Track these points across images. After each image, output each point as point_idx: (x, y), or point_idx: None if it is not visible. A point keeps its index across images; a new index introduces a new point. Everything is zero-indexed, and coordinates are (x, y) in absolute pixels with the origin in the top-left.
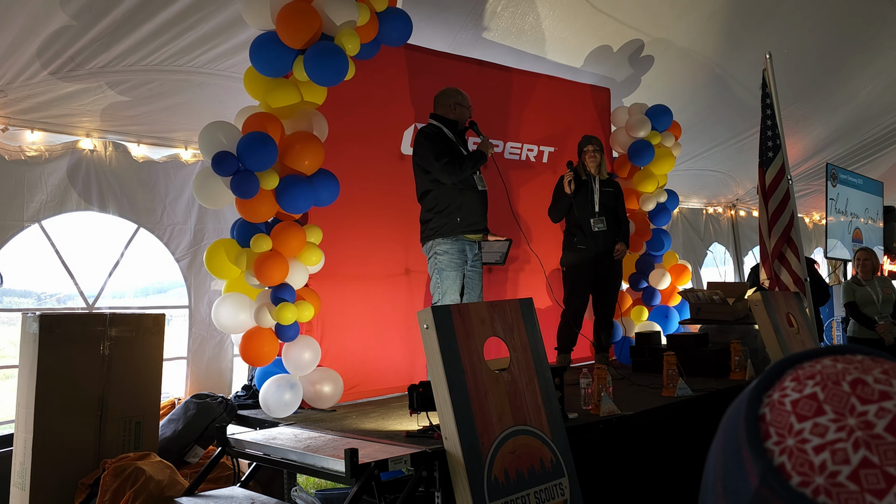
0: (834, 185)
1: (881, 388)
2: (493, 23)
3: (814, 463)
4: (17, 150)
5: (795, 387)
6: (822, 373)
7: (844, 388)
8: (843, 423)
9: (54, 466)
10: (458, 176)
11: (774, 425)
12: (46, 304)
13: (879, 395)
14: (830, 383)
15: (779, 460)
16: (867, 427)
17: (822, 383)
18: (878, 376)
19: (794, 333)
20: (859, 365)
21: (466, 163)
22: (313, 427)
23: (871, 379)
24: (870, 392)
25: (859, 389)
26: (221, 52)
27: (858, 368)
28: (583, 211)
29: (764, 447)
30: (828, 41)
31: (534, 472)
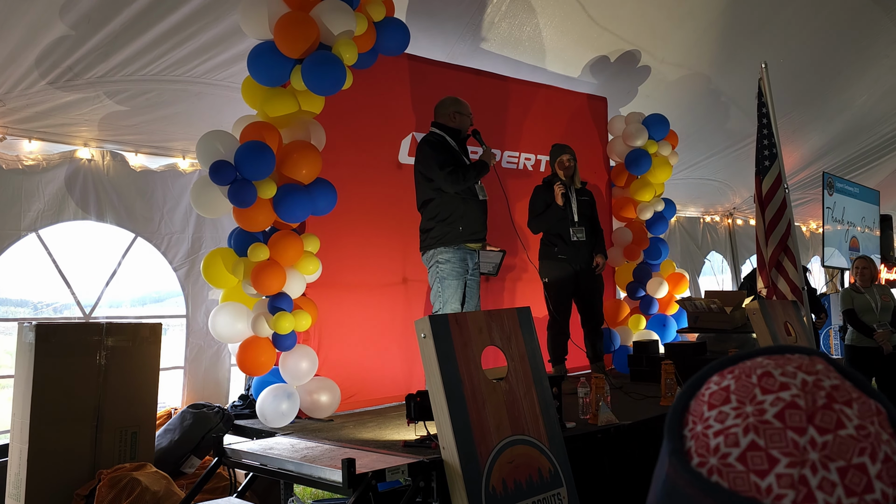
0: (830, 193)
1: (784, 380)
2: (490, 33)
3: (710, 445)
4: (15, 159)
5: (717, 380)
6: (742, 367)
7: (753, 380)
8: (742, 410)
9: (50, 477)
10: (462, 185)
11: (692, 414)
12: (43, 314)
13: (779, 387)
14: (743, 376)
15: (688, 444)
16: (759, 414)
17: (737, 377)
18: (787, 370)
19: (792, 342)
20: (781, 361)
21: (469, 172)
22: (310, 437)
23: (778, 372)
24: (772, 383)
25: (764, 381)
26: (219, 63)
27: (777, 364)
28: (562, 221)
29: (681, 433)
30: (823, 51)
31: (532, 482)
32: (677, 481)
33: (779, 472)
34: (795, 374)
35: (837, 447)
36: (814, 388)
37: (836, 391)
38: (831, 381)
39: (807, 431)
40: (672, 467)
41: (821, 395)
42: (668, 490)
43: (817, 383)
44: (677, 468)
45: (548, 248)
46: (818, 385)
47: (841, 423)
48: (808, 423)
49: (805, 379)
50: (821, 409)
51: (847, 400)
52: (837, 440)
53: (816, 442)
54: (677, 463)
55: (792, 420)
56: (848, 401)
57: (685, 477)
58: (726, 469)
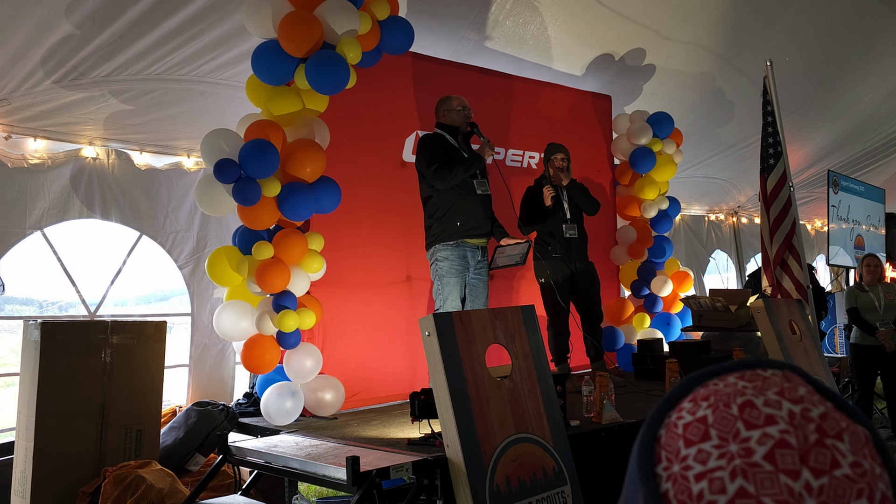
0: (836, 192)
1: (769, 411)
2: (495, 32)
3: (693, 491)
4: (20, 157)
5: (690, 408)
6: (717, 393)
7: (733, 411)
8: (725, 449)
9: (55, 474)
10: (449, 181)
11: (666, 449)
12: (48, 312)
13: (765, 420)
14: (721, 405)
15: (665, 486)
16: (747, 454)
17: (714, 405)
18: (770, 398)
19: (796, 341)
20: (760, 384)
21: (458, 167)
22: (315, 435)
23: (761, 401)
24: (756, 416)
25: (747, 413)
26: (224, 62)
27: (756, 389)
28: (554, 218)
29: (654, 472)
30: (829, 49)
31: (536, 481)
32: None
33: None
34: (780, 402)
35: (834, 491)
36: (802, 420)
37: (825, 422)
38: (818, 409)
39: (801, 475)
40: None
41: (811, 430)
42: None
43: (805, 414)
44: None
45: (542, 247)
46: (806, 417)
47: (836, 462)
48: (801, 464)
49: (791, 409)
50: (814, 446)
51: (838, 432)
52: (834, 483)
53: (812, 487)
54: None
55: (784, 462)
56: (839, 433)
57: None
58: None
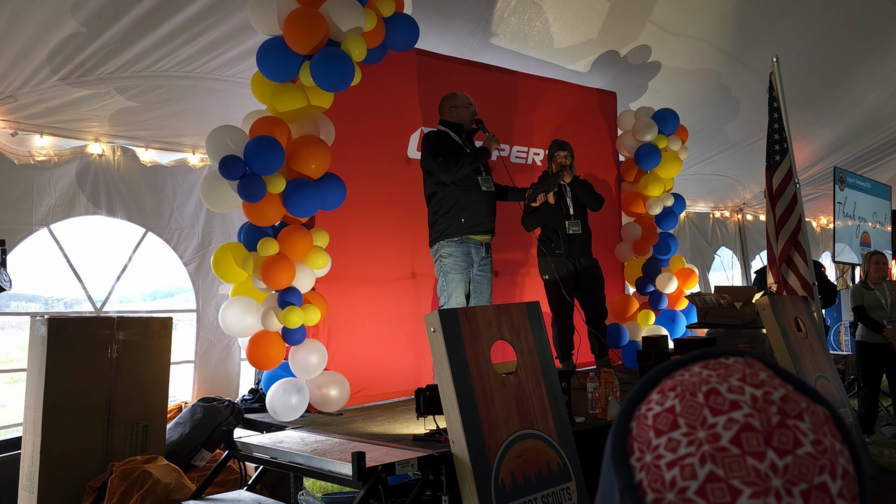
0: (842, 188)
1: (732, 397)
2: (500, 28)
3: (665, 479)
4: (27, 154)
5: (659, 399)
6: (683, 383)
7: (699, 399)
8: (694, 436)
9: (62, 469)
10: (456, 173)
11: (638, 440)
12: (54, 309)
13: (730, 406)
14: (688, 394)
15: (638, 477)
16: (714, 440)
17: (681, 395)
18: (733, 384)
19: (802, 338)
20: (723, 371)
21: (465, 160)
22: (320, 430)
23: (725, 388)
24: (721, 402)
25: (712, 400)
26: (229, 59)
27: (720, 376)
28: (557, 215)
29: (628, 463)
30: (836, 46)
31: (541, 476)
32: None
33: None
34: (742, 388)
35: (798, 469)
36: (764, 403)
37: (786, 404)
38: (778, 391)
39: (766, 456)
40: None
41: (773, 412)
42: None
43: (767, 397)
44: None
45: (546, 243)
46: (768, 400)
47: (798, 442)
48: (766, 445)
49: (754, 394)
50: (776, 427)
51: (798, 412)
52: (797, 461)
53: (777, 466)
54: (630, 501)
55: (749, 444)
56: (799, 413)
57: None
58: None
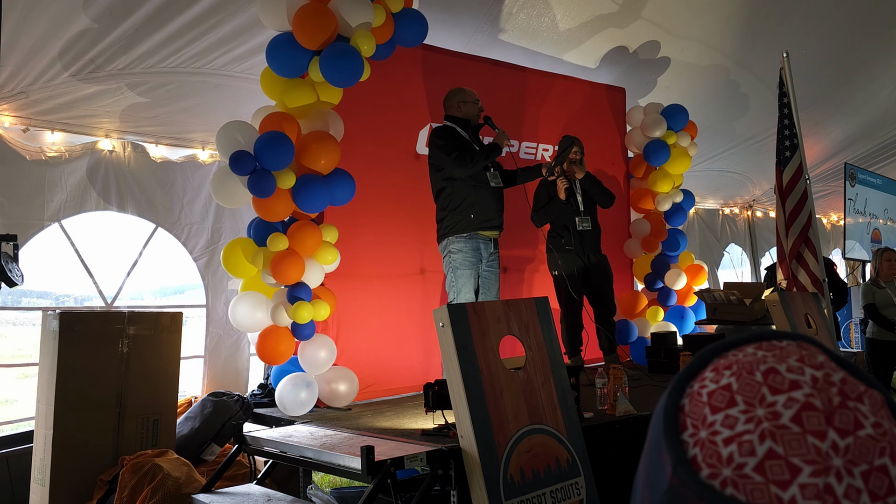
0: (853, 185)
1: (792, 377)
2: (508, 24)
3: (722, 455)
4: (38, 150)
5: (713, 377)
6: (739, 362)
7: (757, 377)
8: (753, 413)
9: (74, 463)
10: (470, 168)
11: (691, 416)
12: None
13: (790, 385)
14: (745, 373)
15: (692, 452)
16: (774, 418)
17: (737, 373)
18: (791, 364)
19: (812, 335)
20: (779, 352)
21: (478, 155)
22: (329, 425)
23: (783, 367)
24: (780, 381)
25: (771, 379)
26: (238, 55)
27: (776, 356)
28: (568, 211)
29: (680, 439)
30: (846, 42)
31: (549, 472)
32: (683, 493)
33: (802, 481)
34: (802, 368)
35: (859, 450)
36: (825, 384)
37: (846, 386)
38: (838, 374)
39: (827, 435)
40: (677, 479)
41: (834, 393)
42: (670, 502)
43: (827, 378)
44: (684, 480)
45: (555, 239)
46: (828, 381)
47: (859, 423)
48: (827, 425)
49: (814, 374)
50: (837, 408)
51: (858, 395)
52: (858, 442)
53: (839, 446)
54: (684, 474)
55: (810, 423)
56: (859, 396)
57: (694, 490)
58: (742, 481)
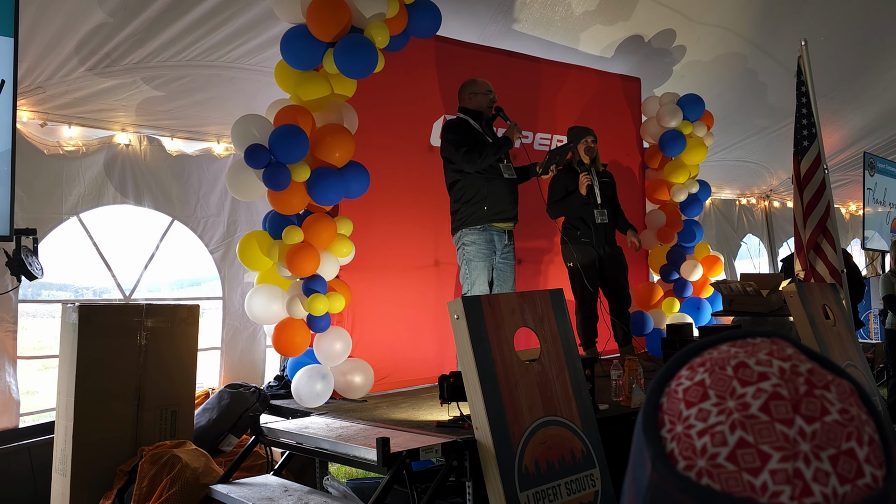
0: (872, 174)
1: (761, 369)
2: (522, 14)
3: (696, 447)
4: (56, 144)
5: (689, 375)
6: (712, 359)
7: (728, 372)
8: (724, 406)
9: (94, 453)
10: (479, 164)
11: (668, 413)
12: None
13: (758, 377)
14: (717, 368)
15: (670, 447)
16: (744, 408)
17: (710, 369)
18: (761, 358)
19: (830, 326)
20: (750, 348)
21: (488, 149)
22: (345, 417)
23: (753, 361)
24: (750, 374)
25: (741, 372)
26: (253, 48)
27: (747, 352)
28: (585, 204)
29: (659, 435)
30: (866, 29)
31: (564, 463)
32: (663, 487)
33: (772, 467)
34: (770, 361)
35: (826, 435)
36: (792, 374)
37: (813, 375)
38: (805, 365)
39: (794, 422)
40: (656, 473)
41: (800, 382)
42: (652, 498)
43: (794, 369)
44: (662, 474)
45: (571, 231)
46: (795, 371)
47: (825, 410)
48: (794, 413)
49: (781, 366)
50: (804, 396)
51: (825, 384)
52: (825, 428)
53: (805, 432)
54: (662, 468)
55: (778, 412)
56: (826, 384)
57: (673, 483)
58: (716, 470)
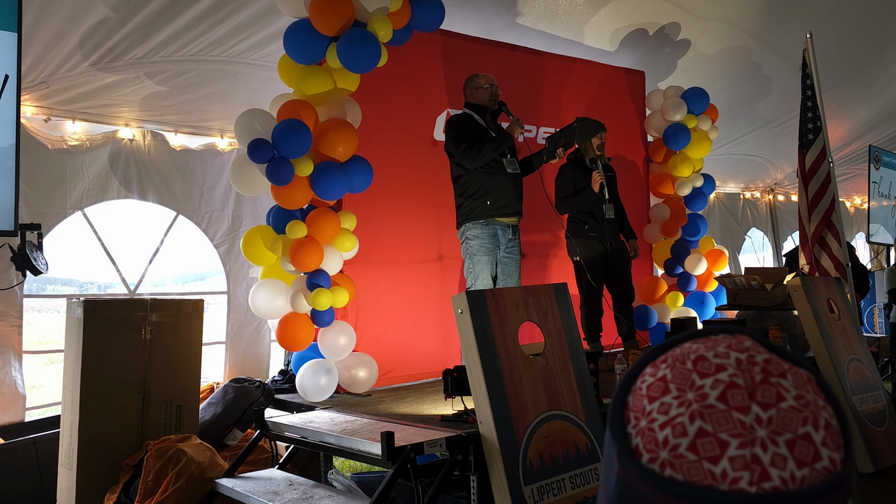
0: (877, 167)
1: (718, 361)
2: (526, 7)
3: (658, 439)
4: (60, 139)
5: (652, 372)
6: (674, 355)
7: (688, 365)
8: (684, 398)
9: (99, 447)
10: (479, 160)
11: (633, 410)
12: (88, 291)
13: (716, 368)
14: (678, 363)
15: (635, 442)
16: (702, 399)
17: (671, 365)
18: (719, 351)
19: (834, 319)
20: (710, 343)
21: (487, 146)
22: (349, 411)
23: (711, 354)
24: (708, 366)
25: (699, 365)
26: (256, 42)
27: (707, 346)
28: (593, 198)
29: (625, 431)
30: (871, 21)
31: (569, 457)
32: (630, 482)
33: (731, 454)
34: (728, 353)
35: (782, 420)
36: (748, 364)
37: (770, 365)
38: (762, 355)
39: (751, 409)
40: (623, 468)
41: (756, 371)
42: (620, 493)
43: (751, 359)
44: (629, 469)
45: (577, 225)
46: (752, 361)
47: (781, 396)
48: (750, 400)
49: (738, 357)
50: (759, 384)
51: (781, 372)
52: (781, 413)
53: (762, 418)
54: (627, 463)
55: (735, 400)
56: (782, 373)
57: (638, 476)
58: (678, 461)
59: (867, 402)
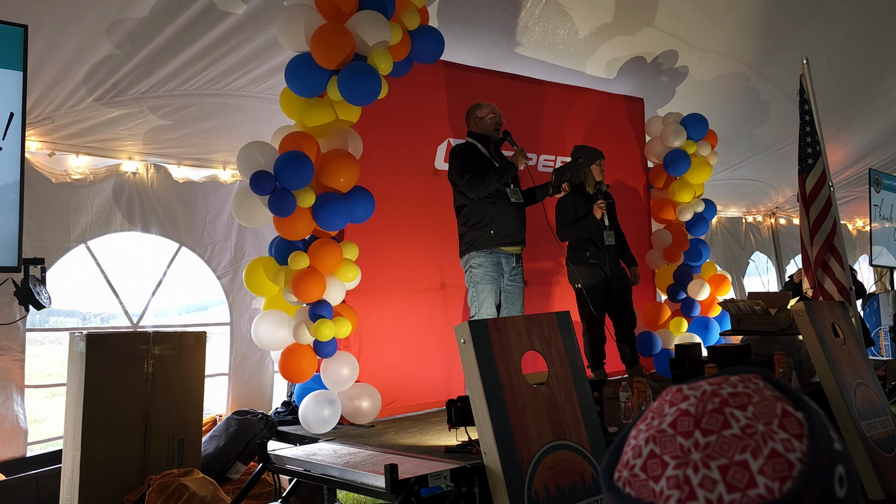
0: (878, 190)
1: (688, 392)
2: (524, 37)
3: (624, 460)
4: (64, 173)
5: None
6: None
7: (667, 397)
8: (650, 424)
9: (101, 483)
10: (482, 190)
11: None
12: (91, 324)
13: (682, 398)
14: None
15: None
16: (659, 425)
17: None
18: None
19: (840, 344)
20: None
21: (491, 176)
22: (352, 443)
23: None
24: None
25: (672, 396)
26: (258, 76)
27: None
28: (594, 225)
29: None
30: (867, 46)
31: (574, 488)
32: (606, 499)
33: (668, 474)
34: (700, 385)
35: (719, 447)
36: (711, 395)
37: (735, 398)
38: (735, 389)
39: (692, 434)
40: (603, 487)
41: (714, 401)
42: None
43: (716, 391)
44: (604, 486)
45: (578, 253)
46: (716, 393)
47: (727, 424)
48: (695, 427)
49: (706, 389)
50: (709, 412)
51: (743, 404)
52: (720, 440)
53: (700, 443)
54: (601, 479)
55: (682, 426)
56: (743, 405)
57: (609, 494)
58: (633, 479)
59: (875, 427)
